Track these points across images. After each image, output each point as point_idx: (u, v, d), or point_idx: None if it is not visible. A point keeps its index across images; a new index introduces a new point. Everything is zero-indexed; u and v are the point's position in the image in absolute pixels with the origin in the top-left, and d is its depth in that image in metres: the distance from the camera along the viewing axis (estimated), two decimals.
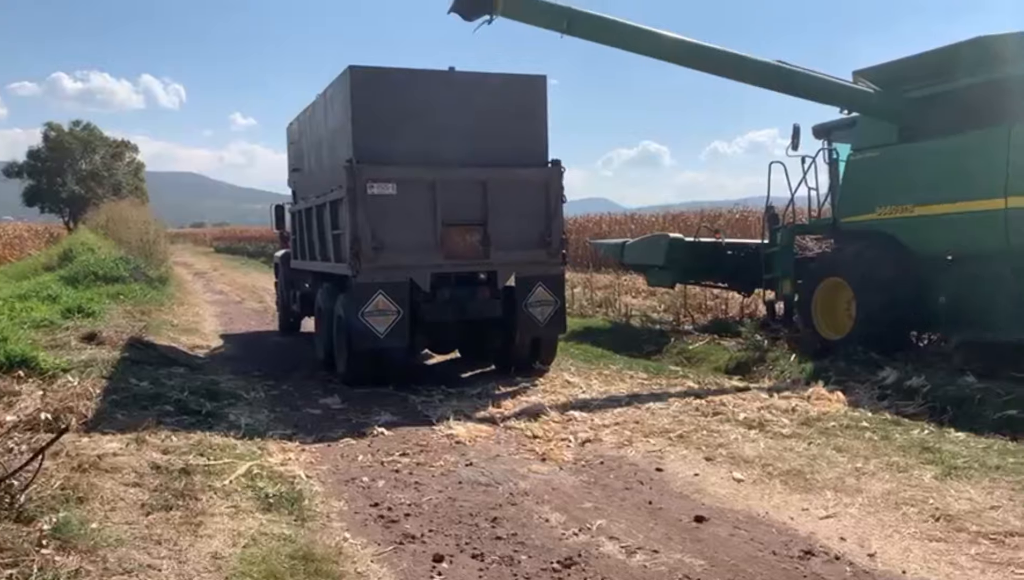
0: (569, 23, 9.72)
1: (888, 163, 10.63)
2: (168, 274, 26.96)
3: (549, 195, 10.24)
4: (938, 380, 8.53)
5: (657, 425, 7.77)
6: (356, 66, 9.64)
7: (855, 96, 10.84)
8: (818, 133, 12.34)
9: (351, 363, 10.07)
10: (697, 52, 10.44)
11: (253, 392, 9.59)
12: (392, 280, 9.61)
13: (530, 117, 10.29)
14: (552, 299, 10.30)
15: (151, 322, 14.71)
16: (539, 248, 10.20)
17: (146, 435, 6.71)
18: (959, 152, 9.68)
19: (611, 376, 10.45)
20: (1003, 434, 7.08)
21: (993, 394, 7.87)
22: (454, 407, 8.75)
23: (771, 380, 9.87)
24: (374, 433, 7.73)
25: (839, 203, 11.61)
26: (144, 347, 11.46)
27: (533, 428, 7.79)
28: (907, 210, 10.20)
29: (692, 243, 14.33)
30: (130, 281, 20.01)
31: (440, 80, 10.05)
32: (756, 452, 6.78)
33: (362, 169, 9.45)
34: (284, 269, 15.29)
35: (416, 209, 9.69)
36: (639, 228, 30.41)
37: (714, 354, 11.63)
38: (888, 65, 10.75)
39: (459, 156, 9.87)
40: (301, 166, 12.93)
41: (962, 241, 9.69)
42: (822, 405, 8.27)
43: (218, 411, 8.14)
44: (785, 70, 10.58)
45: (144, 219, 33.63)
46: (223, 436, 7.14)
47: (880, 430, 7.27)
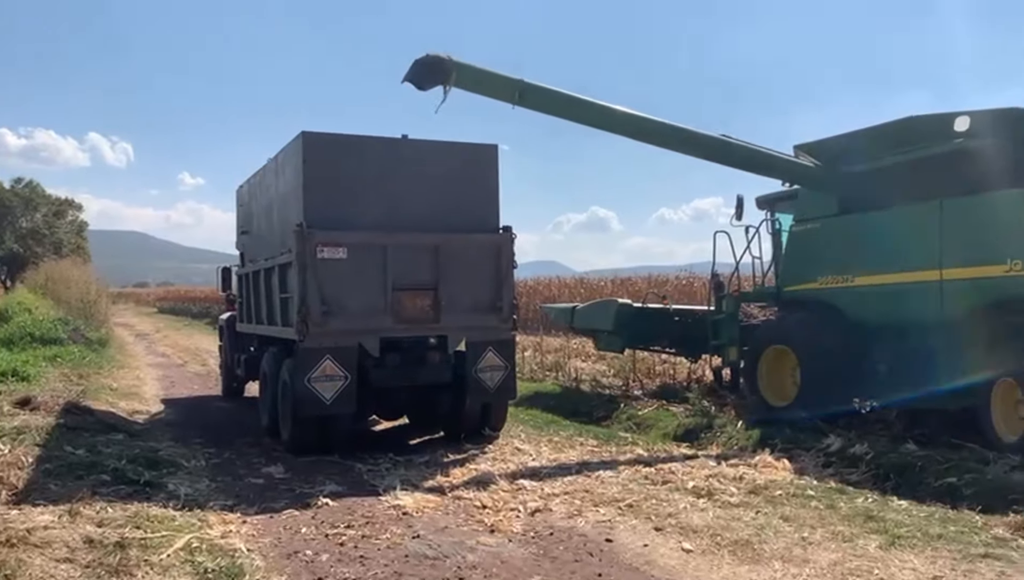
0: (520, 95, 9.93)
1: (829, 234, 10.97)
2: (109, 336, 26.32)
3: (500, 260, 10.31)
4: (880, 447, 8.68)
5: (607, 494, 7.74)
6: (309, 132, 9.69)
7: (795, 169, 11.21)
8: (761, 204, 12.70)
9: (296, 430, 9.87)
10: (645, 126, 10.72)
11: (194, 460, 9.32)
12: (340, 345, 9.51)
13: (482, 184, 10.41)
14: (502, 364, 10.28)
15: (89, 386, 14.29)
16: (490, 313, 10.22)
17: (80, 507, 6.46)
18: (895, 225, 10.05)
19: (561, 443, 10.41)
20: (944, 502, 7.21)
21: (933, 461, 8.01)
22: (402, 476, 8.61)
23: (719, 447, 9.93)
24: (319, 504, 7.54)
25: (782, 272, 11.90)
26: (81, 413, 11.09)
27: (482, 498, 7.69)
28: (847, 280, 10.50)
29: (640, 309, 14.50)
30: (68, 343, 19.50)
31: (393, 147, 10.14)
32: (705, 522, 6.79)
33: (312, 233, 9.42)
34: (229, 332, 15.03)
35: (367, 273, 9.67)
36: (589, 292, 30.69)
37: (663, 420, 11.68)
38: (827, 140, 11.16)
39: (411, 221, 9.92)
40: (250, 229, 12.84)
41: (900, 311, 9.98)
42: (769, 473, 8.35)
43: (157, 481, 7.88)
44: (728, 144, 10.92)
45: (85, 279, 32.91)
46: (161, 507, 6.90)
47: (826, 498, 7.34)
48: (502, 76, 10.09)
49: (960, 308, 9.25)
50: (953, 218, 9.34)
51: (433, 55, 9.67)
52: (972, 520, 6.63)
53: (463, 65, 9.72)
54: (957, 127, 9.50)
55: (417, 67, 9.73)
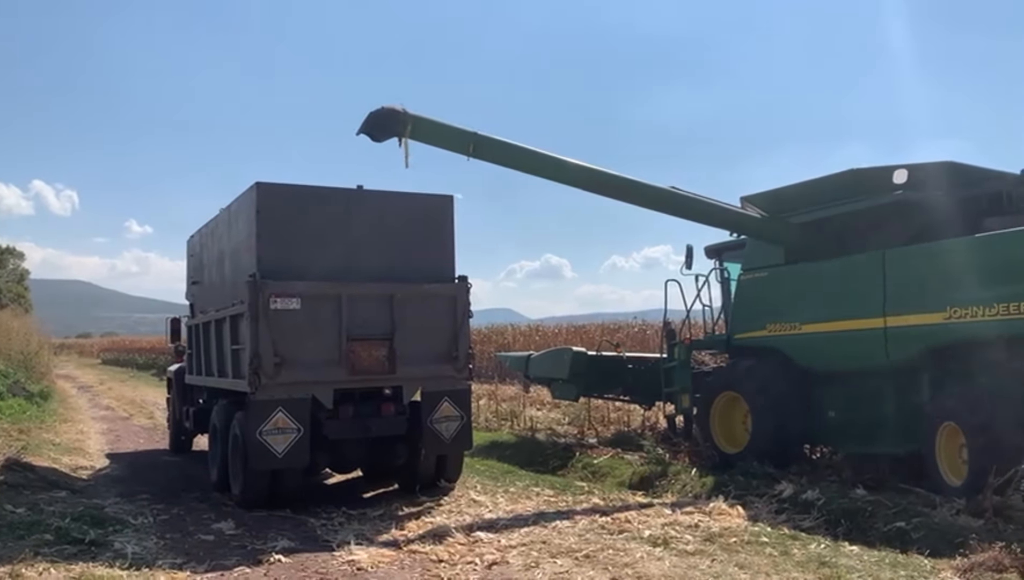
0: (474, 147, 10.09)
1: (776, 283, 11.24)
2: (50, 388, 25.57)
3: (456, 310, 10.33)
4: (831, 493, 8.80)
5: (564, 545, 7.71)
6: (263, 182, 9.68)
7: (743, 221, 11.50)
8: (710, 253, 12.98)
9: (247, 484, 9.67)
10: (595, 177, 10.94)
11: (141, 517, 9.05)
12: (293, 396, 9.39)
13: (437, 234, 10.47)
14: (458, 414, 10.24)
15: (30, 441, 13.84)
16: (445, 363, 10.20)
17: (22, 568, 6.26)
18: (840, 274, 10.35)
19: (517, 493, 10.36)
20: (894, 546, 7.32)
21: (882, 506, 8.15)
22: (356, 531, 8.48)
23: (674, 495, 9.98)
24: (271, 560, 7.36)
25: (732, 320, 12.13)
26: (22, 469, 10.73)
27: (438, 551, 7.60)
28: (795, 328, 10.74)
29: (594, 357, 14.60)
30: (8, 396, 18.90)
31: (348, 197, 10.17)
32: (661, 571, 6.79)
33: (266, 284, 9.35)
34: (178, 384, 14.72)
35: (320, 324, 9.61)
36: (543, 340, 30.78)
37: (618, 468, 11.71)
38: (773, 192, 11.47)
39: (366, 271, 9.91)
40: (201, 279, 12.69)
41: (846, 358, 10.22)
42: (724, 520, 8.40)
43: (103, 539, 7.65)
44: (677, 196, 11.19)
45: (26, 329, 32.06)
46: (107, 567, 6.70)
47: (779, 545, 7.41)
48: (456, 128, 10.24)
49: (904, 354, 9.52)
50: (895, 267, 9.65)
51: (388, 107, 9.80)
52: (921, 564, 6.75)
53: (417, 118, 9.85)
54: (896, 180, 9.86)
55: (372, 119, 9.84)
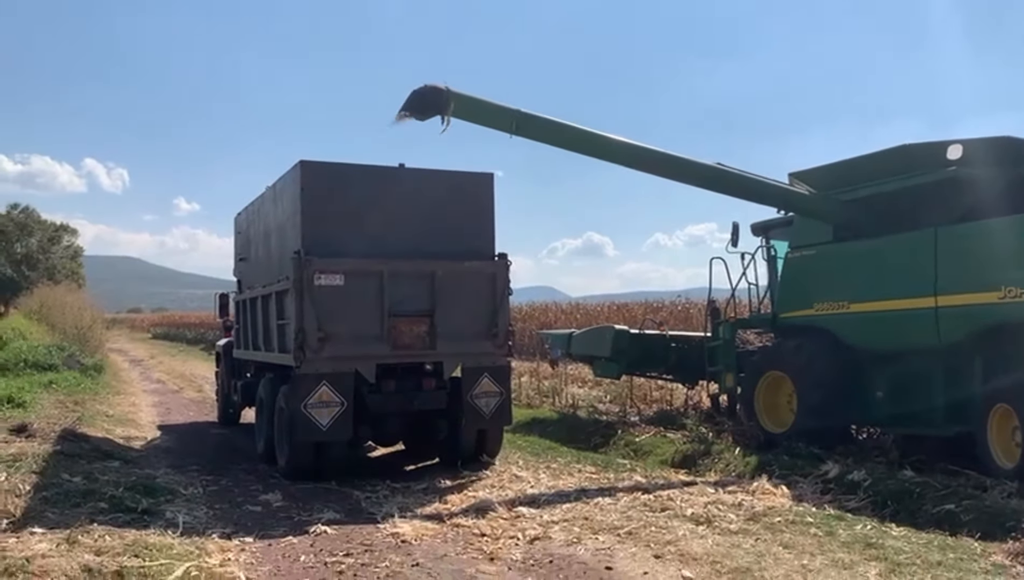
0: (517, 125, 10.03)
1: (824, 261, 11.04)
2: (104, 362, 26.22)
3: (496, 287, 10.36)
4: (878, 474, 8.68)
5: (606, 521, 7.72)
6: (307, 161, 9.77)
7: (791, 197, 11.30)
8: (756, 231, 12.77)
9: (292, 456, 9.86)
10: (640, 155, 10.81)
11: (191, 488, 9.28)
12: (337, 371, 9.53)
13: (478, 212, 10.49)
14: (498, 390, 10.30)
15: (85, 413, 14.24)
16: (485, 339, 10.26)
17: (78, 535, 6.43)
18: (890, 252, 10.12)
19: (559, 470, 10.39)
20: (942, 529, 7.21)
21: (931, 488, 8.02)
22: (399, 503, 8.59)
23: (717, 474, 9.92)
24: (317, 531, 7.51)
25: (778, 299, 11.95)
26: (77, 440, 11.06)
27: (481, 525, 7.67)
28: (843, 307, 10.55)
29: (637, 335, 14.52)
30: (63, 369, 19.44)
31: (390, 175, 10.23)
32: (704, 549, 6.77)
33: (310, 261, 9.47)
34: (226, 358, 15.02)
35: (363, 300, 9.71)
36: (585, 317, 30.70)
37: (660, 447, 11.67)
38: (822, 168, 11.25)
39: (407, 249, 9.98)
40: (248, 256, 12.88)
41: (896, 337, 10.03)
42: (767, 500, 8.33)
43: (155, 508, 7.85)
44: (723, 172, 11.00)
45: (80, 304, 32.83)
46: (160, 535, 6.86)
47: (824, 525, 7.33)
48: (499, 106, 10.19)
49: (955, 334, 9.31)
50: (947, 245, 9.42)
51: (431, 86, 9.77)
52: (971, 547, 6.63)
53: (460, 95, 9.82)
54: (950, 155, 9.60)
55: (415, 97, 9.83)
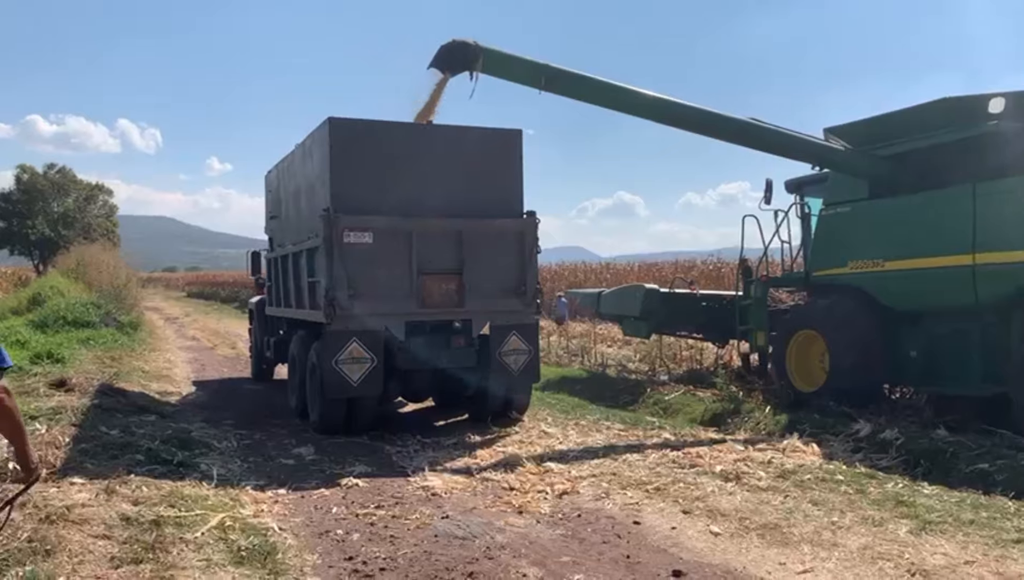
0: (547, 80, 9.91)
1: (859, 218, 10.85)
2: (139, 319, 26.62)
3: (524, 245, 10.33)
4: (911, 433, 8.61)
5: (634, 477, 7.75)
6: (336, 118, 9.73)
7: (826, 153, 11.09)
8: (790, 188, 12.58)
9: (324, 412, 9.98)
10: (672, 110, 10.65)
11: (225, 441, 9.44)
12: (367, 328, 9.59)
13: (506, 169, 10.41)
14: (526, 348, 10.31)
15: (121, 368, 14.50)
16: (514, 297, 10.25)
17: (116, 485, 6.57)
18: (927, 209, 9.92)
19: (588, 426, 10.43)
20: (975, 488, 7.13)
21: (965, 447, 7.94)
22: (429, 458, 8.70)
23: (746, 432, 9.90)
24: (348, 484, 7.63)
25: (811, 257, 11.79)
26: (114, 394, 11.28)
27: (510, 479, 7.75)
28: (878, 265, 10.38)
29: (667, 294, 14.44)
30: (100, 326, 19.75)
31: (418, 133, 10.18)
32: (733, 505, 6.78)
33: (339, 218, 9.49)
34: (259, 315, 15.19)
35: (392, 258, 9.73)
36: (614, 277, 30.61)
37: (690, 405, 11.66)
38: (858, 123, 11.01)
39: (436, 206, 9.95)
40: (279, 213, 12.94)
41: (932, 296, 9.87)
42: (797, 457, 8.31)
43: (190, 461, 8.01)
44: (758, 128, 10.81)
45: (115, 263, 33.27)
46: (195, 487, 7.01)
47: (855, 483, 7.30)
48: (528, 61, 10.07)
49: (993, 293, 9.14)
50: (987, 201, 9.20)
51: (459, 40, 9.67)
52: (1004, 506, 6.57)
53: (489, 50, 9.70)
54: (992, 108, 9.34)
55: (443, 53, 9.74)
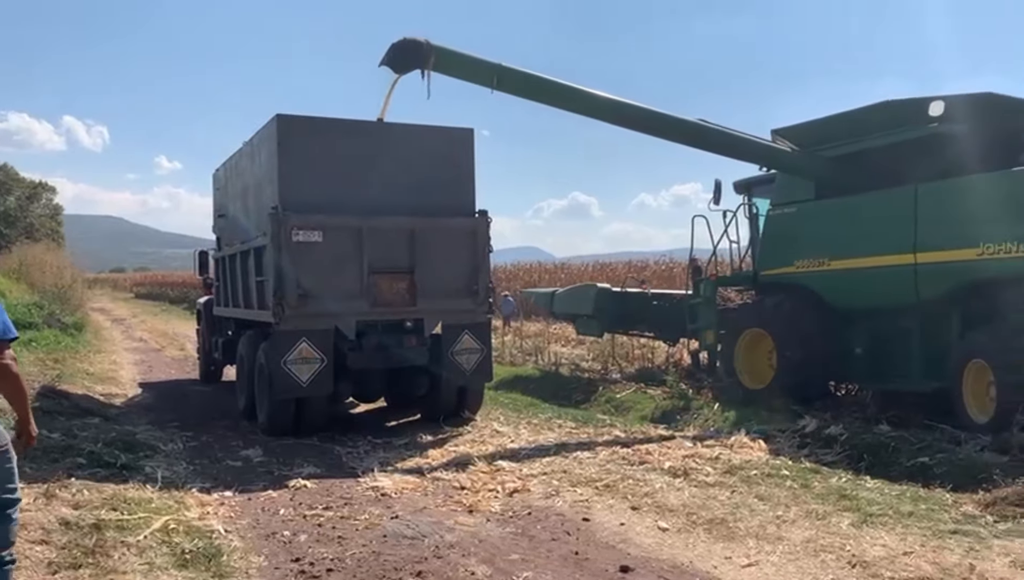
0: (498, 79, 9.91)
1: (805, 218, 11.04)
2: (85, 321, 26.01)
3: (476, 244, 10.32)
4: (855, 429, 8.79)
5: (584, 474, 7.79)
6: (284, 115, 9.63)
7: (772, 154, 11.26)
8: (739, 188, 12.76)
9: (273, 413, 9.85)
10: (622, 111, 10.72)
11: (171, 443, 9.28)
12: (316, 327, 9.50)
13: (458, 168, 10.40)
14: (478, 347, 10.31)
15: (65, 371, 14.15)
16: (466, 296, 10.23)
17: (56, 489, 6.41)
18: (871, 210, 10.13)
19: (540, 425, 10.46)
20: (916, 481, 7.30)
21: (906, 442, 8.12)
22: (380, 458, 8.64)
23: (696, 429, 10.01)
24: (297, 486, 7.54)
25: (759, 256, 11.97)
26: (56, 396, 11.01)
27: (461, 479, 7.73)
28: (823, 264, 10.58)
29: (619, 293, 14.56)
30: (43, 328, 19.26)
31: (368, 130, 10.11)
32: (681, 501, 6.85)
33: (288, 216, 9.38)
34: (207, 316, 14.94)
35: (342, 256, 9.64)
36: (569, 277, 30.74)
37: (641, 403, 11.76)
38: (804, 125, 11.20)
39: (387, 205, 9.88)
40: (226, 212, 12.75)
41: (875, 295, 10.08)
42: (745, 453, 8.43)
43: (134, 464, 7.84)
44: (706, 129, 10.94)
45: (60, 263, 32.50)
46: (138, 490, 6.86)
47: (800, 478, 7.42)
48: (480, 60, 10.06)
49: (934, 291, 9.37)
50: (927, 202, 9.43)
51: (410, 39, 9.62)
52: (942, 498, 6.73)
53: (441, 49, 9.67)
54: (932, 112, 9.56)
55: (394, 51, 9.68)
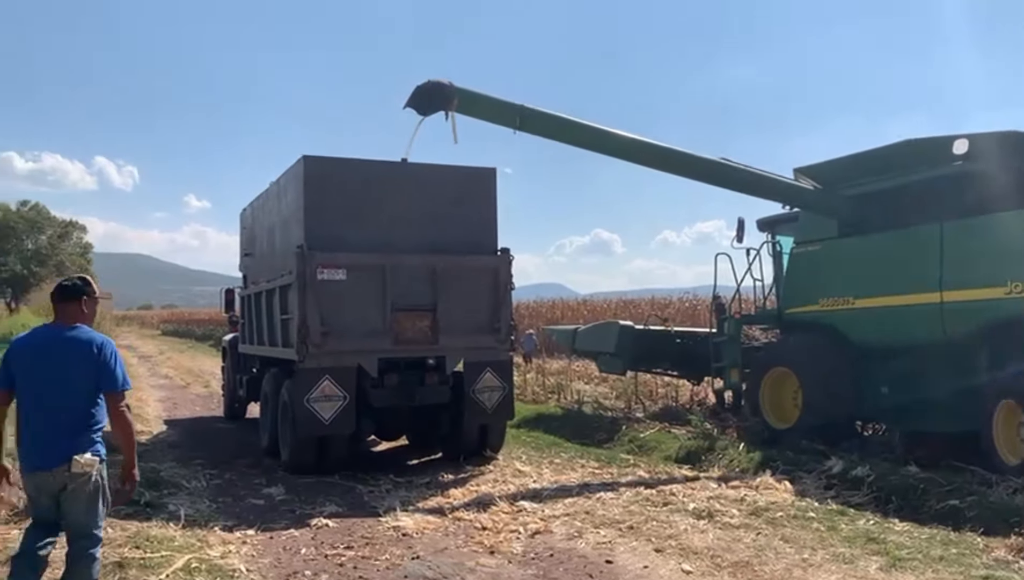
0: (521, 120, 10.03)
1: (829, 257, 11.00)
2: None
3: (498, 282, 10.35)
4: (883, 470, 8.63)
5: (608, 515, 7.71)
6: (310, 156, 9.78)
7: (795, 192, 11.26)
8: (762, 226, 12.75)
9: (295, 450, 9.87)
10: (645, 150, 10.79)
11: (195, 481, 9.31)
12: (339, 365, 9.54)
13: (480, 207, 10.48)
14: (500, 385, 10.29)
15: None
16: (488, 334, 10.24)
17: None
18: (896, 248, 10.07)
19: (562, 465, 10.38)
20: (945, 524, 7.16)
21: (935, 484, 7.97)
22: (402, 497, 8.60)
23: (720, 469, 9.88)
24: (318, 525, 7.53)
25: (783, 295, 11.91)
26: None
27: (482, 519, 7.67)
28: (848, 303, 10.51)
29: (642, 331, 14.50)
30: None
31: (392, 170, 10.23)
32: (705, 543, 6.76)
33: (313, 255, 9.48)
34: (232, 353, 15.06)
35: (366, 294, 9.71)
36: (592, 314, 30.73)
37: (665, 442, 11.64)
38: (827, 163, 11.20)
39: (410, 243, 9.98)
40: (253, 251, 12.91)
41: (901, 334, 9.98)
42: (770, 494, 8.31)
43: (158, 501, 7.88)
44: (728, 167, 10.97)
45: None
46: (162, 527, 6.89)
47: (827, 520, 7.31)
48: (503, 101, 10.19)
49: (961, 330, 9.27)
50: (953, 240, 9.37)
51: (434, 81, 9.78)
52: (974, 542, 6.58)
53: (464, 91, 9.81)
54: (956, 150, 9.54)
55: (418, 93, 9.84)
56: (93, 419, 4.59)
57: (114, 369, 4.60)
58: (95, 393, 4.58)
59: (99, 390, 4.59)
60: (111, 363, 4.59)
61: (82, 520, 4.59)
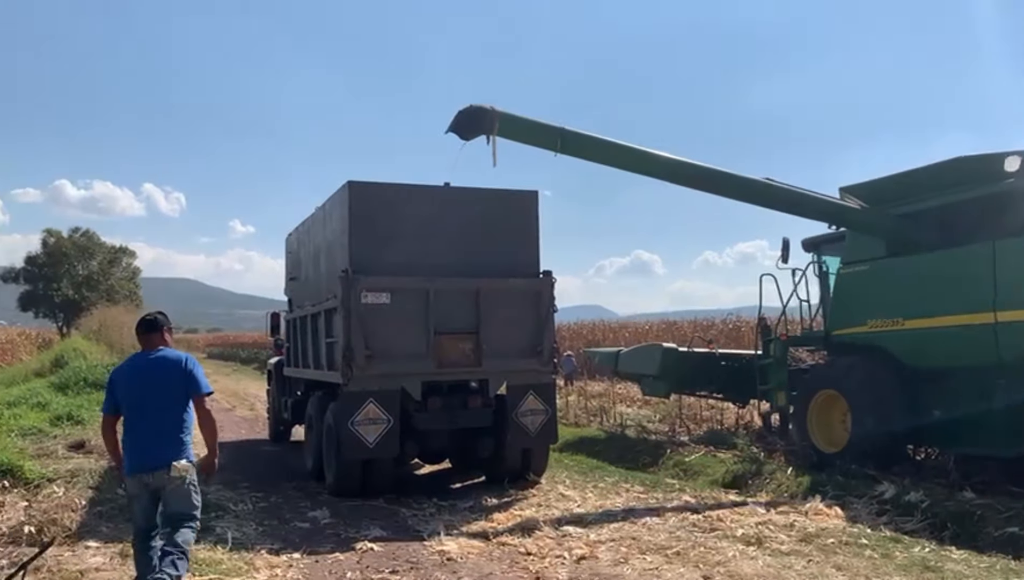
0: (562, 143, 10.04)
1: (877, 277, 10.80)
2: None
3: (540, 305, 10.34)
4: (937, 495, 8.43)
5: (654, 541, 7.60)
6: (355, 181, 9.90)
7: (842, 212, 11.10)
8: (807, 246, 12.58)
9: (340, 473, 9.92)
10: (686, 171, 10.73)
11: (241, 504, 9.39)
12: (383, 388, 9.58)
13: (522, 230, 10.50)
14: (543, 408, 10.25)
15: None
16: (530, 357, 10.22)
17: (130, 549, 6.51)
18: (946, 267, 9.87)
19: (607, 489, 10.28)
20: (1005, 552, 6.95)
21: (993, 510, 7.75)
22: (446, 521, 8.58)
23: (768, 494, 9.72)
24: (363, 548, 7.53)
25: (830, 316, 11.72)
26: None
27: (527, 544, 7.61)
28: (898, 323, 10.30)
29: (686, 353, 14.36)
30: None
31: (435, 195, 10.31)
32: (755, 570, 6.62)
33: (357, 279, 9.56)
34: (277, 376, 15.22)
35: (409, 318, 9.76)
36: (633, 336, 30.52)
37: (710, 466, 11.48)
38: (873, 182, 11.05)
39: (452, 266, 10.02)
40: (298, 275, 13.08)
41: (953, 355, 9.75)
42: (820, 520, 8.14)
43: (205, 524, 7.85)
44: (772, 187, 10.86)
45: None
46: (209, 550, 6.96)
47: (880, 547, 7.13)
48: (544, 124, 10.22)
49: (1016, 351, 9.02)
50: (1006, 259, 9.15)
51: (476, 106, 9.84)
52: None
53: (505, 115, 9.87)
54: (1008, 167, 9.36)
55: (460, 118, 9.91)
56: (184, 423, 5.65)
57: (199, 377, 5.72)
58: (185, 399, 5.66)
59: (188, 395, 5.65)
60: (196, 372, 5.70)
61: (180, 509, 5.61)
